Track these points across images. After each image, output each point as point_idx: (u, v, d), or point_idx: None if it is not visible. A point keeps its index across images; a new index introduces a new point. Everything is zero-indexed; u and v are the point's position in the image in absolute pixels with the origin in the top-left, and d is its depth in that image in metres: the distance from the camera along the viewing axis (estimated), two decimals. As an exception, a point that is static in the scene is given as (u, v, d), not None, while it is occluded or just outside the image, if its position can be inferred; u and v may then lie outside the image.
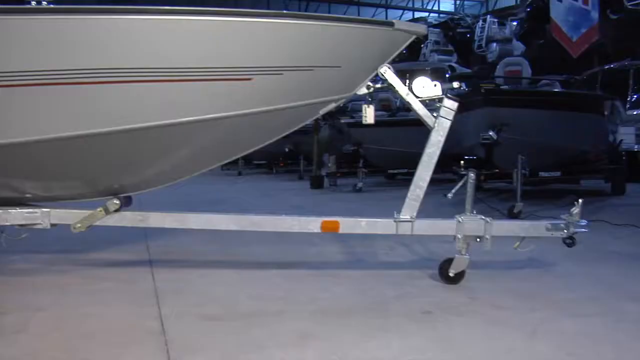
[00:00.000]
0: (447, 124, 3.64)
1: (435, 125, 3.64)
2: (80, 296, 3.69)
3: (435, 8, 30.57)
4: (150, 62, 2.98)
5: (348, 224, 3.78)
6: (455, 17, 24.85)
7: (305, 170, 14.41)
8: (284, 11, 3.19)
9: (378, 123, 6.62)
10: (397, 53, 3.56)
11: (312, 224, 3.73)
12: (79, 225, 3.68)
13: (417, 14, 29.77)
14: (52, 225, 3.75)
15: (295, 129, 3.69)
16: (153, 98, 3.07)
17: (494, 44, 20.74)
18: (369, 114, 3.71)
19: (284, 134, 3.67)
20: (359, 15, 30.88)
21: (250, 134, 3.52)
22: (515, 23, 20.94)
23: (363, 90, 3.66)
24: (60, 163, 3.40)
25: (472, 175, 3.82)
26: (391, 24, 3.41)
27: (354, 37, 3.34)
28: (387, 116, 11.98)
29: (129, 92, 3.01)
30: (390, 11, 31.81)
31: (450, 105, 3.63)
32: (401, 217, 3.72)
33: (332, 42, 3.28)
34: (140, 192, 3.76)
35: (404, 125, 10.38)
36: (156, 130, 3.15)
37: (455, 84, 3.81)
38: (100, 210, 3.65)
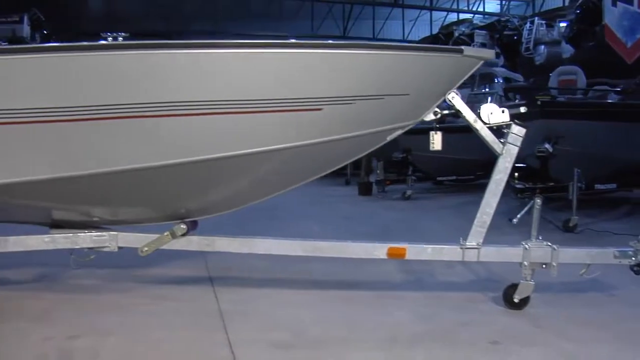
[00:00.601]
0: (515, 150, 3.62)
1: (503, 151, 3.61)
2: (147, 318, 3.75)
3: (480, 9, 30.19)
4: (223, 94, 3.03)
5: (414, 251, 3.77)
6: (502, 19, 24.53)
7: (351, 174, 14.36)
8: (355, 42, 3.20)
9: (427, 130, 6.61)
10: (464, 79, 3.53)
11: (378, 251, 3.74)
12: (146, 248, 3.75)
13: (462, 15, 29.46)
14: (119, 247, 3.82)
15: (361, 155, 3.70)
16: (225, 129, 3.11)
17: (542, 47, 20.38)
18: (436, 141, 3.70)
19: (350, 161, 3.69)
20: (403, 17, 30.80)
21: (319, 162, 3.54)
22: (565, 23, 20.52)
23: (430, 117, 3.64)
24: (133, 191, 3.47)
25: (538, 201, 3.78)
26: (460, 51, 3.39)
27: (423, 65, 3.34)
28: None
29: (202, 124, 3.07)
30: (433, 12, 31.57)
31: (517, 131, 3.61)
32: (467, 244, 3.70)
33: (402, 70, 3.28)
34: (207, 217, 3.80)
35: (452, 132, 10.27)
36: (228, 161, 3.20)
37: (523, 109, 3.75)
38: (167, 235, 3.71)
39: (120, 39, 3.03)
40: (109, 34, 3.03)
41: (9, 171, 3.24)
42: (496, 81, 14.57)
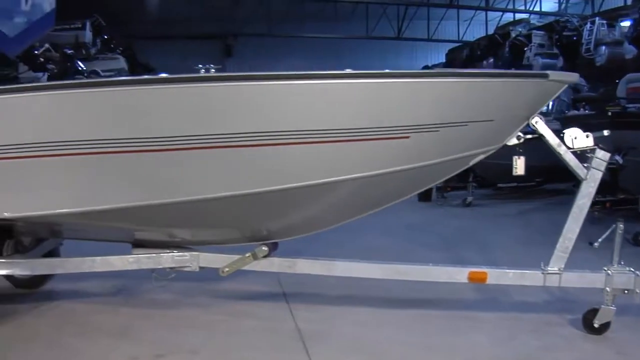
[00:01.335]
0: (599, 175, 3.58)
1: (587, 176, 3.57)
2: (228, 337, 3.83)
3: (537, 9, 29.65)
4: (312, 124, 3.09)
5: (495, 275, 3.76)
6: (561, 19, 24.07)
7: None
8: (441, 70, 3.21)
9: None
10: (548, 102, 3.50)
11: (460, 275, 3.74)
12: (227, 269, 3.82)
13: (518, 15, 29.01)
14: (200, 268, 3.89)
15: (445, 179, 3.71)
16: (314, 158, 3.17)
17: (603, 47, 19.96)
18: (519, 166, 3.68)
19: (433, 185, 3.70)
20: (458, 17, 30.50)
21: (402, 187, 3.57)
22: (629, 22, 20.01)
23: (513, 141, 3.63)
24: (219, 216, 3.55)
25: (621, 225, 3.71)
26: (545, 76, 3.37)
27: (508, 91, 3.33)
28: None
29: (292, 153, 3.13)
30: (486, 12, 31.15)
31: (602, 156, 3.57)
32: (549, 269, 3.66)
33: (487, 97, 3.28)
34: (288, 239, 3.85)
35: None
36: (316, 188, 3.25)
37: (606, 133, 3.70)
38: (249, 256, 3.77)
39: (213, 70, 3.10)
40: (201, 66, 3.11)
41: (104, 198, 3.36)
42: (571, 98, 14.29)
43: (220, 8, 28.41)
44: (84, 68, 19.09)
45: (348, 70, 3.11)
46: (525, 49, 22.42)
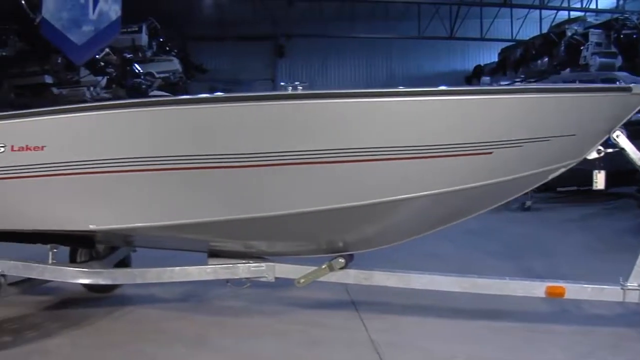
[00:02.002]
0: (681, 190, 3.50)
1: (672, 191, 3.50)
2: (304, 347, 3.86)
3: (593, 6, 28.99)
4: (396, 141, 3.11)
5: (573, 290, 3.72)
6: (620, 16, 23.48)
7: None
8: (524, 86, 3.19)
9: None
10: (629, 116, 3.45)
11: (537, 289, 3.72)
12: (302, 280, 3.86)
13: (573, 13, 28.43)
14: (276, 278, 3.94)
15: (523, 193, 3.69)
16: (397, 175, 3.20)
17: (665, 46, 19.48)
18: (599, 180, 3.63)
19: (511, 199, 3.68)
20: (511, 16, 30.03)
21: (481, 202, 3.57)
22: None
23: (593, 155, 3.58)
24: (301, 231, 3.59)
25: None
26: (629, 89, 3.33)
27: (590, 105, 3.31)
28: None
29: (375, 170, 3.16)
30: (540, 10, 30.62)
31: (686, 170, 3.49)
32: (629, 284, 3.60)
33: (569, 112, 3.26)
34: (363, 251, 3.87)
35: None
36: (398, 203, 3.27)
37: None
38: (325, 268, 3.80)
39: (300, 88, 3.15)
40: (288, 83, 3.16)
41: (190, 212, 3.45)
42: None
43: (273, 9, 28.57)
44: (141, 71, 19.54)
45: (432, 88, 3.12)
46: (582, 47, 21.96)
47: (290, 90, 3.16)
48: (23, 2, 11.96)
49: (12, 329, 4.35)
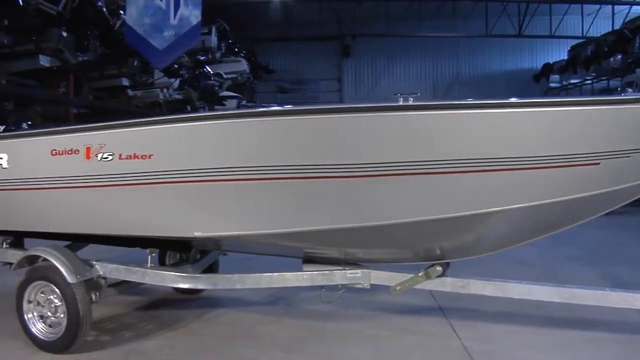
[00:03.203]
0: None
1: None
2: (398, 354, 3.91)
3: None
4: (502, 152, 3.09)
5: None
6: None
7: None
8: (635, 95, 3.13)
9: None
10: None
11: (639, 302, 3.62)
12: (398, 287, 3.85)
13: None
14: (371, 285, 3.95)
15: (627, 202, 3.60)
16: (501, 185, 3.17)
17: None
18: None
19: (614, 208, 3.60)
20: (582, 12, 29.26)
21: (586, 212, 3.50)
22: None
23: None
24: (402, 239, 3.61)
25: None
26: None
27: None
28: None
29: (483, 180, 3.14)
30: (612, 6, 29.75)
31: None
32: None
33: None
34: (460, 260, 3.85)
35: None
36: (500, 214, 3.26)
37: None
38: (422, 275, 3.79)
39: (411, 100, 3.15)
40: (399, 94, 3.17)
41: (296, 221, 3.51)
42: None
43: (339, 10, 28.61)
44: (211, 72, 19.88)
45: (543, 99, 3.09)
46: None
47: (401, 102, 3.16)
48: (104, 9, 12.33)
49: (109, 328, 4.51)
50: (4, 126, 4.65)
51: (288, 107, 3.42)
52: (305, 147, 3.34)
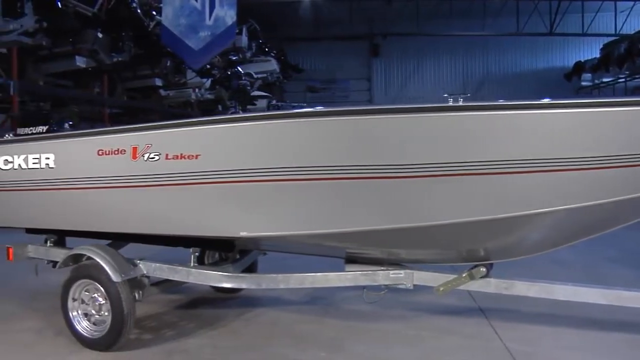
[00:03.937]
0: None
1: None
2: (440, 354, 3.91)
3: None
4: (550, 153, 3.07)
5: None
6: None
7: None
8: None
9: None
10: None
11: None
12: (442, 288, 3.84)
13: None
14: (414, 285, 3.94)
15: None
16: (550, 187, 3.14)
17: None
18: None
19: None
20: (615, 9, 28.86)
21: (636, 212, 3.45)
22: None
23: None
24: (447, 240, 3.60)
25: None
26: None
27: None
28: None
29: (530, 181, 3.12)
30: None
31: None
32: None
33: None
34: (503, 261, 3.83)
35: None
36: (547, 215, 3.24)
37: None
38: (466, 276, 3.77)
39: (461, 100, 3.14)
40: (449, 95, 3.16)
41: (341, 222, 3.52)
42: None
43: (368, 9, 28.55)
44: (242, 72, 19.96)
45: (598, 99, 3.06)
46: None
47: (451, 102, 3.15)
48: (139, 10, 12.45)
49: (151, 327, 4.57)
50: (47, 126, 4.71)
51: (336, 108, 3.43)
52: (353, 148, 3.35)
